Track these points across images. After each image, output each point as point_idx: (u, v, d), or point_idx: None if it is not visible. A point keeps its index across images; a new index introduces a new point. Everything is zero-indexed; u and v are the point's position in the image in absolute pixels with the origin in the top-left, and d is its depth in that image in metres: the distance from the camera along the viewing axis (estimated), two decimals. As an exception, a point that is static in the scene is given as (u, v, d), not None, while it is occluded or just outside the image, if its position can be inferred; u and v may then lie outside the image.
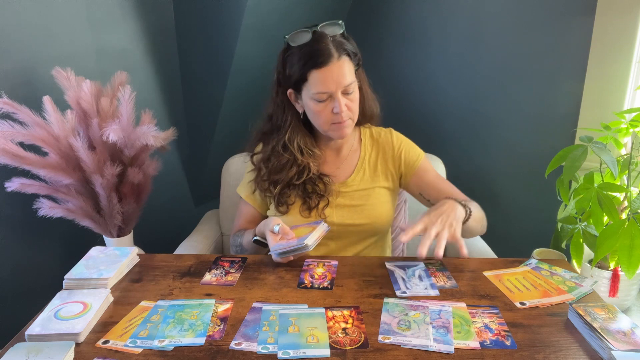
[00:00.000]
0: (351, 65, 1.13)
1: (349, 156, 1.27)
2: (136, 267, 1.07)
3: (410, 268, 1.04)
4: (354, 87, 1.13)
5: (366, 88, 1.23)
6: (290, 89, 1.16)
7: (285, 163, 1.20)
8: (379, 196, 1.25)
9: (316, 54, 1.08)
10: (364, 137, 1.30)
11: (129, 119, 1.37)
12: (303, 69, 1.10)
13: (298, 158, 1.19)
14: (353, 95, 1.14)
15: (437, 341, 0.79)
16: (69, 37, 1.54)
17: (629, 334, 0.78)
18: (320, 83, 1.09)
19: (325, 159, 1.26)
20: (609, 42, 1.49)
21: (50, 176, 1.33)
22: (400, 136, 1.31)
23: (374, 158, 1.28)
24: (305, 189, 1.21)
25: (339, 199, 1.23)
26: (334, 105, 1.11)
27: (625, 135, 1.37)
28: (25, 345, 0.77)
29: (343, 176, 1.26)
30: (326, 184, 1.21)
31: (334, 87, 1.09)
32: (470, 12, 1.73)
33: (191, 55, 1.85)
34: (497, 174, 1.84)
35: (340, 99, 1.11)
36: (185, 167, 2.04)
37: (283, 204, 1.21)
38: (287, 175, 1.19)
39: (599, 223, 1.25)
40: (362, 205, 1.22)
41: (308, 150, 1.21)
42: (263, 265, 1.07)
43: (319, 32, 1.10)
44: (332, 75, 1.09)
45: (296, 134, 1.20)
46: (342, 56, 1.10)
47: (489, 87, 1.77)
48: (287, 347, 0.78)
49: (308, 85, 1.11)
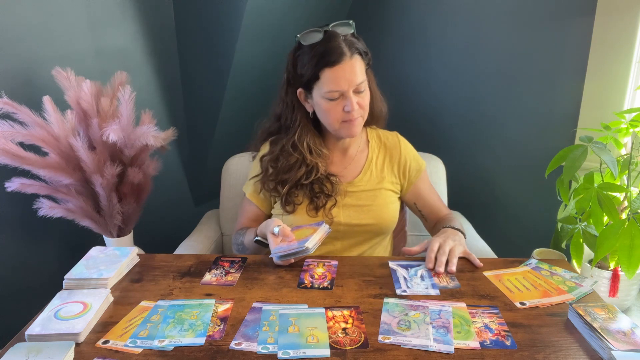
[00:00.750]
0: (362, 64, 1.14)
1: (356, 156, 1.28)
2: (136, 267, 1.07)
3: (413, 268, 1.04)
4: (365, 86, 1.14)
5: (374, 88, 1.24)
6: (300, 88, 1.17)
7: (294, 163, 1.20)
8: (386, 197, 1.25)
9: (328, 52, 1.09)
10: (371, 139, 1.31)
11: (129, 119, 1.37)
12: (315, 67, 1.10)
13: (307, 158, 1.19)
14: (364, 93, 1.15)
15: (437, 341, 0.79)
16: (69, 37, 1.54)
17: (629, 334, 0.78)
18: (333, 82, 1.10)
19: (332, 159, 1.26)
20: (609, 42, 1.49)
21: (50, 176, 1.33)
22: (406, 143, 1.33)
23: (381, 160, 1.28)
24: (312, 188, 1.21)
25: (346, 199, 1.23)
26: (346, 104, 1.12)
27: (625, 135, 1.37)
28: (25, 345, 0.77)
29: (350, 176, 1.26)
30: (334, 184, 1.22)
31: (347, 85, 1.10)
32: (470, 12, 1.73)
33: (191, 55, 1.85)
34: (497, 173, 1.84)
35: (352, 97, 1.11)
36: (185, 167, 2.04)
37: (290, 203, 1.21)
38: (296, 175, 1.20)
39: (599, 223, 1.25)
40: (369, 206, 1.23)
41: (317, 150, 1.21)
42: (263, 265, 1.07)
43: (330, 32, 1.11)
44: (345, 74, 1.09)
45: (306, 133, 1.20)
46: (354, 55, 1.11)
47: (489, 87, 1.76)
48: (287, 347, 0.78)
49: (320, 84, 1.12)
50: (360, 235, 1.24)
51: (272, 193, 1.24)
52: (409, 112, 1.95)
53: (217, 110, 1.87)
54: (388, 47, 1.95)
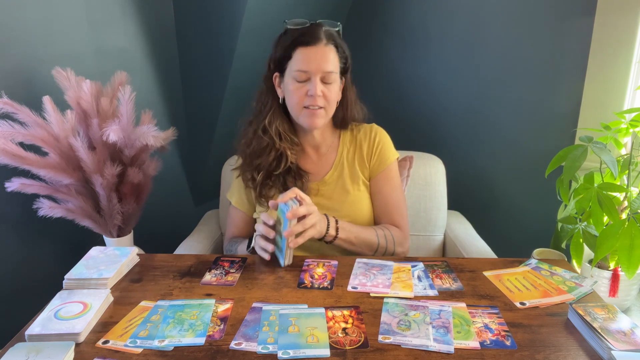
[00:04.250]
0: (336, 58, 1.17)
1: (327, 153, 1.29)
2: (136, 267, 1.07)
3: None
4: (334, 79, 1.17)
5: (351, 95, 1.26)
6: (276, 72, 1.20)
7: (265, 147, 1.23)
8: (358, 193, 1.26)
9: (305, 34, 1.15)
10: (343, 136, 1.31)
11: (129, 119, 1.37)
12: (290, 45, 1.15)
13: (276, 142, 1.22)
14: (332, 86, 1.17)
15: (437, 341, 0.79)
16: (69, 37, 1.54)
17: (629, 334, 0.78)
18: (303, 61, 1.14)
19: (305, 154, 1.28)
20: (609, 42, 1.49)
21: (50, 176, 1.33)
22: (381, 132, 1.32)
23: (351, 155, 1.29)
24: (285, 183, 1.23)
25: (318, 198, 1.24)
26: (310, 87, 1.14)
27: (625, 135, 1.37)
28: (25, 345, 0.77)
29: (321, 174, 1.28)
30: (304, 182, 1.24)
31: (315, 67, 1.13)
32: (470, 12, 1.73)
33: (191, 55, 1.85)
34: (497, 173, 1.84)
35: (318, 83, 1.14)
36: (185, 167, 2.04)
37: (264, 197, 1.23)
38: (267, 160, 1.22)
39: (599, 223, 1.25)
40: (340, 204, 1.24)
41: (286, 135, 1.23)
42: (263, 265, 1.07)
43: (316, 22, 1.17)
44: (316, 56, 1.13)
45: (275, 118, 1.23)
46: (329, 44, 1.15)
47: (489, 87, 1.77)
48: (287, 347, 0.78)
49: (291, 63, 1.16)
50: None
51: (249, 184, 1.26)
52: (409, 112, 1.95)
53: (217, 110, 1.87)
54: (388, 47, 1.95)
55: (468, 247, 1.43)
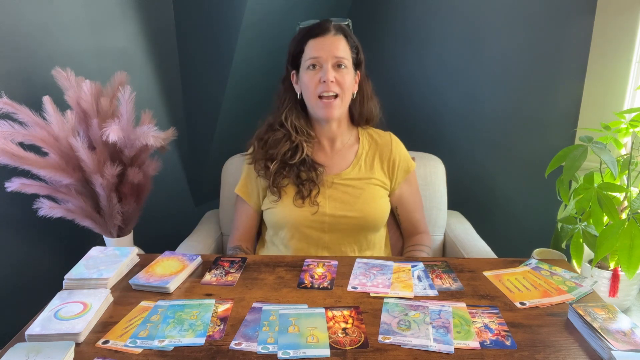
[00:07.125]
0: (347, 46, 1.21)
1: (344, 150, 1.30)
2: (136, 267, 1.06)
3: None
4: (347, 64, 1.20)
5: (367, 88, 1.29)
6: (293, 70, 1.24)
7: (281, 138, 1.25)
8: (373, 191, 1.26)
9: (315, 27, 1.20)
10: (362, 136, 1.33)
11: (129, 119, 1.37)
12: (301, 40, 1.21)
13: (292, 135, 1.25)
14: (345, 71, 1.20)
15: (437, 341, 0.79)
16: (69, 37, 1.54)
17: (629, 334, 0.78)
18: (314, 49, 1.19)
19: (320, 147, 1.29)
20: (609, 42, 1.49)
21: (50, 176, 1.33)
22: (399, 142, 1.35)
23: (371, 156, 1.30)
24: (299, 175, 1.24)
25: (332, 191, 1.24)
26: (322, 74, 1.17)
27: (625, 135, 1.37)
28: (25, 345, 0.77)
29: (337, 168, 1.28)
30: (319, 175, 1.25)
31: (325, 54, 1.17)
32: (470, 12, 1.73)
33: (191, 55, 1.85)
34: (497, 173, 1.84)
35: (330, 69, 1.17)
36: (185, 167, 2.04)
37: (277, 186, 1.24)
38: (282, 150, 1.24)
39: (599, 223, 1.25)
40: (355, 199, 1.24)
41: (302, 129, 1.26)
42: (263, 265, 1.07)
43: (326, 19, 1.24)
44: (325, 45, 1.18)
45: (292, 112, 1.27)
46: (338, 34, 1.20)
47: (489, 86, 1.76)
48: (287, 347, 0.78)
49: (304, 57, 1.20)
50: (347, 229, 1.24)
51: (260, 173, 1.27)
52: (409, 112, 1.95)
53: (217, 110, 1.87)
54: (388, 47, 1.95)
55: (468, 247, 1.44)
